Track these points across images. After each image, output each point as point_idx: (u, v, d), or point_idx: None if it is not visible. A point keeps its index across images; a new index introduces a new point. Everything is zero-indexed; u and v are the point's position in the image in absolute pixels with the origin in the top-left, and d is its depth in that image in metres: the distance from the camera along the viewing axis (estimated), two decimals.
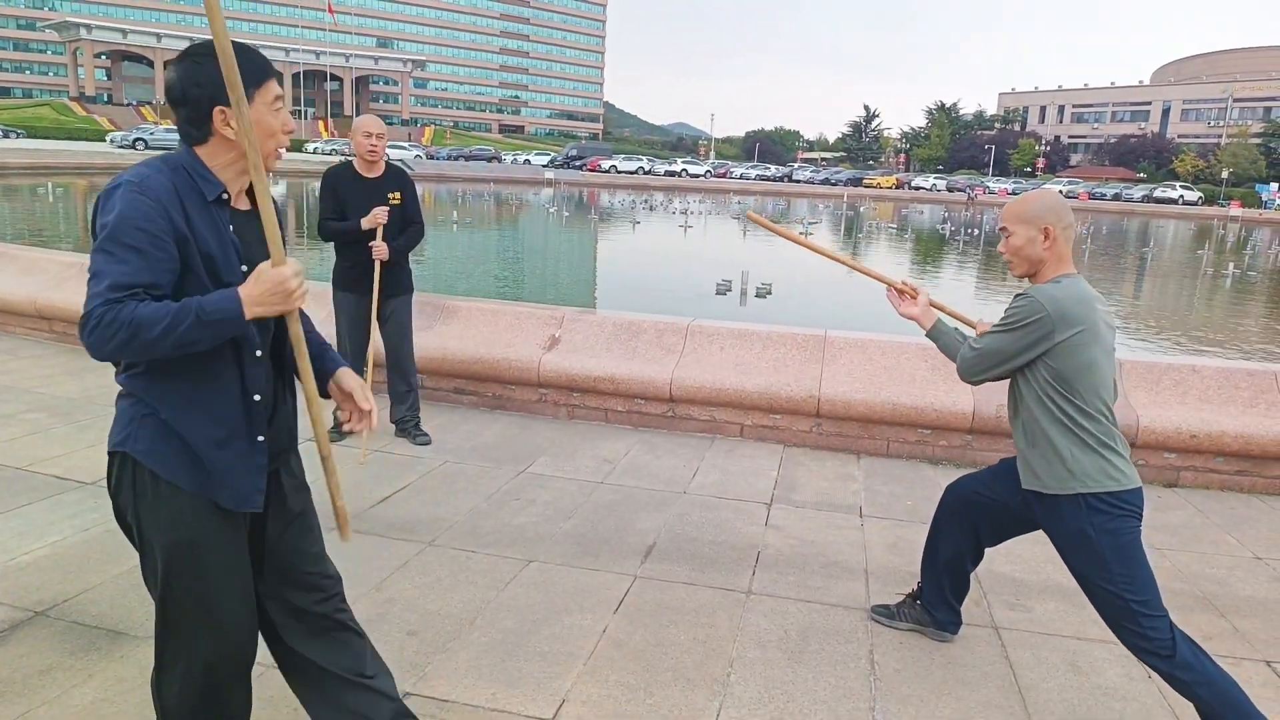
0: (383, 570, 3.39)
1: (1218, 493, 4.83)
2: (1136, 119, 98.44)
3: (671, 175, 64.74)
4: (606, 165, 64.66)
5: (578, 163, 66.74)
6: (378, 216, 4.63)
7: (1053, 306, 2.42)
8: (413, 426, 5.02)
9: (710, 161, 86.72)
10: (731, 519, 4.12)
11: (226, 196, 1.85)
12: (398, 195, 4.79)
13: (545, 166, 62.67)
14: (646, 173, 64.66)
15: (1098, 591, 2.49)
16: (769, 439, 5.35)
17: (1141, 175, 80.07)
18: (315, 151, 58.37)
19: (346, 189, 4.74)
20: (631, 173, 63.51)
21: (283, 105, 1.88)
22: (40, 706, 2.44)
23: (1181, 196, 60.86)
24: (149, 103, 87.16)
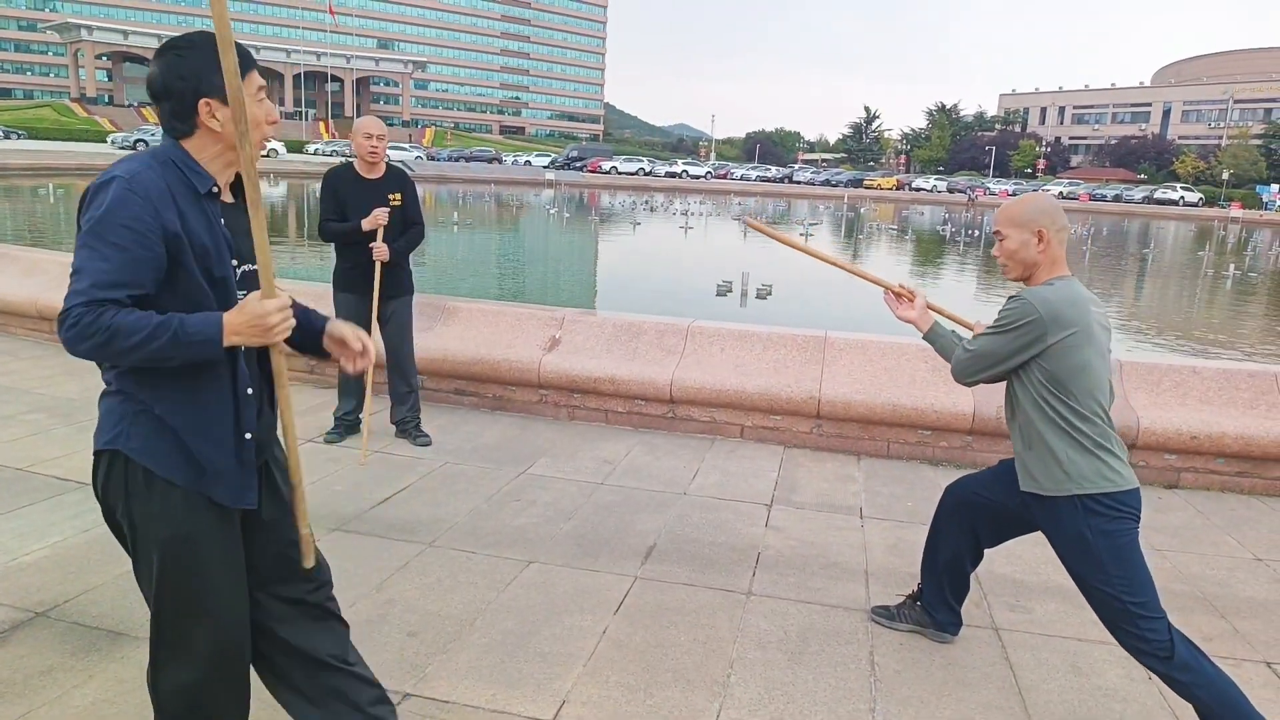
0: (383, 571, 3.39)
1: (1218, 494, 4.83)
2: (1137, 120, 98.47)
3: (672, 176, 64.76)
4: (607, 166, 64.61)
5: (578, 164, 66.77)
6: (378, 218, 4.64)
7: (1045, 309, 2.43)
8: (413, 427, 5.03)
9: (711, 163, 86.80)
10: (732, 520, 4.12)
11: (217, 190, 1.85)
12: (398, 196, 4.79)
13: (546, 168, 62.71)
14: (647, 174, 64.66)
15: (1095, 594, 2.49)
16: (769, 440, 5.35)
17: (1142, 176, 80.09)
18: (316, 153, 58.24)
19: (347, 190, 4.74)
20: (632, 174, 63.50)
21: (265, 96, 1.88)
22: (41, 707, 2.44)
23: (1182, 198, 60.88)
24: (150, 104, 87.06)
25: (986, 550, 3.01)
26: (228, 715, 1.98)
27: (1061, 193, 63.32)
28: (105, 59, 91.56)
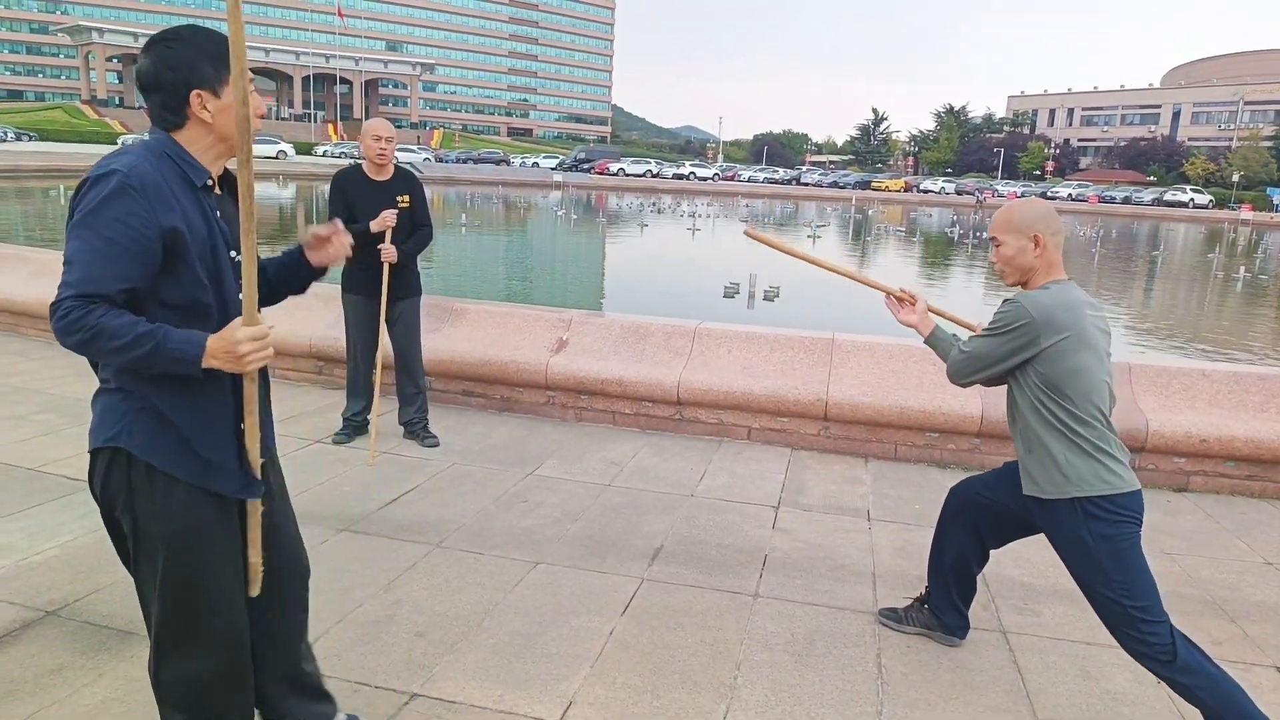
0: (391, 571, 3.40)
1: (1228, 497, 4.81)
2: (1146, 122, 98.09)
3: (679, 178, 64.69)
4: (614, 168, 64.66)
5: (586, 165, 66.84)
6: (386, 219, 4.65)
7: (1038, 312, 2.44)
8: (421, 428, 5.04)
9: (718, 164, 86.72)
10: (739, 522, 4.12)
11: (211, 183, 1.86)
12: (406, 198, 4.81)
13: (554, 169, 62.81)
14: (654, 175, 64.66)
15: (1098, 597, 2.50)
16: (776, 442, 5.35)
17: (1151, 178, 79.73)
18: (325, 154, 58.48)
19: (356, 192, 4.76)
20: (639, 175, 63.51)
21: (253, 89, 1.87)
22: (51, 705, 2.46)
23: (1192, 200, 60.58)
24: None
25: (994, 552, 3.01)
26: (232, 706, 2.00)
27: (1070, 194, 63.16)
28: (116, 61, 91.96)
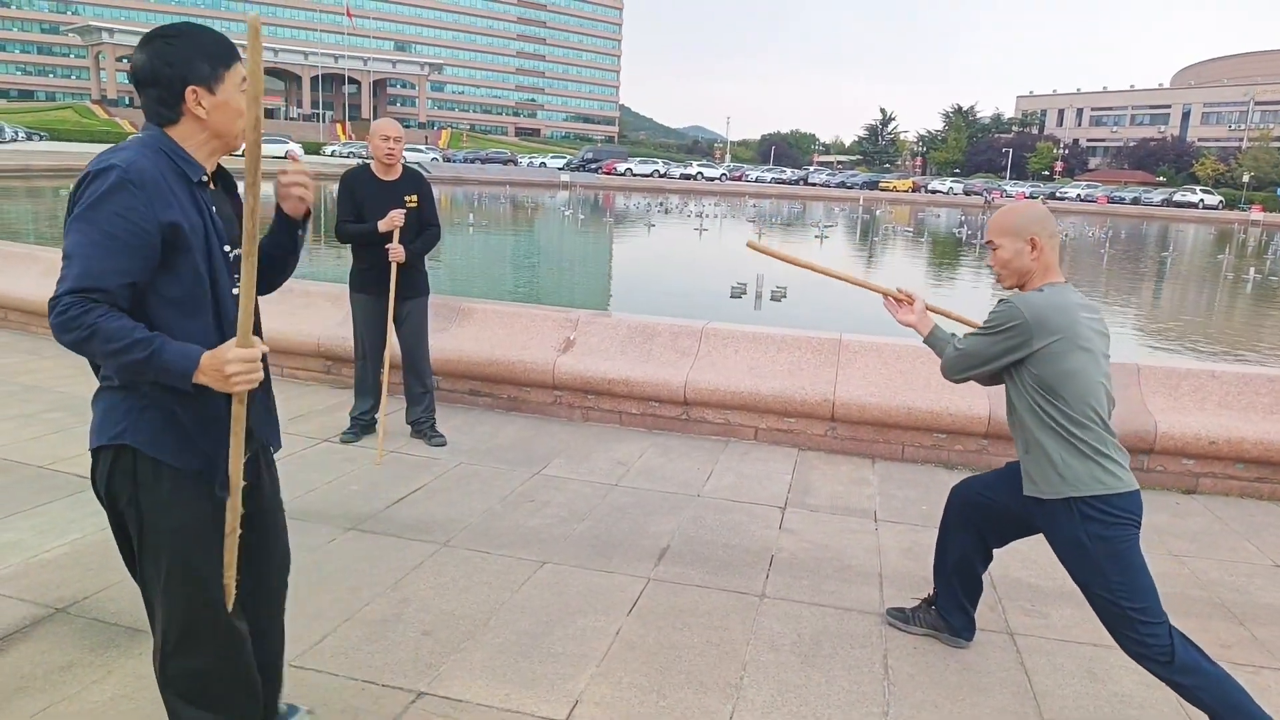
0: (398, 570, 3.41)
1: (1237, 499, 4.79)
2: (1156, 122, 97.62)
3: (687, 178, 64.67)
4: (622, 168, 64.61)
5: (593, 165, 66.81)
6: (394, 219, 4.66)
7: (1030, 313, 2.47)
8: (428, 428, 5.05)
9: (726, 165, 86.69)
10: (745, 522, 4.12)
11: (206, 179, 1.88)
12: (414, 198, 4.82)
13: (561, 169, 62.84)
14: (662, 176, 64.62)
15: (1096, 599, 2.51)
16: (783, 442, 5.35)
17: (1161, 179, 79.35)
18: (333, 154, 58.63)
19: (364, 191, 4.78)
20: (647, 175, 63.47)
21: (245, 87, 1.88)
22: (61, 702, 2.47)
23: (1202, 200, 60.26)
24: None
25: (1001, 554, 3.01)
26: (237, 693, 2.01)
27: (1079, 195, 62.91)
28: (126, 61, 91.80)
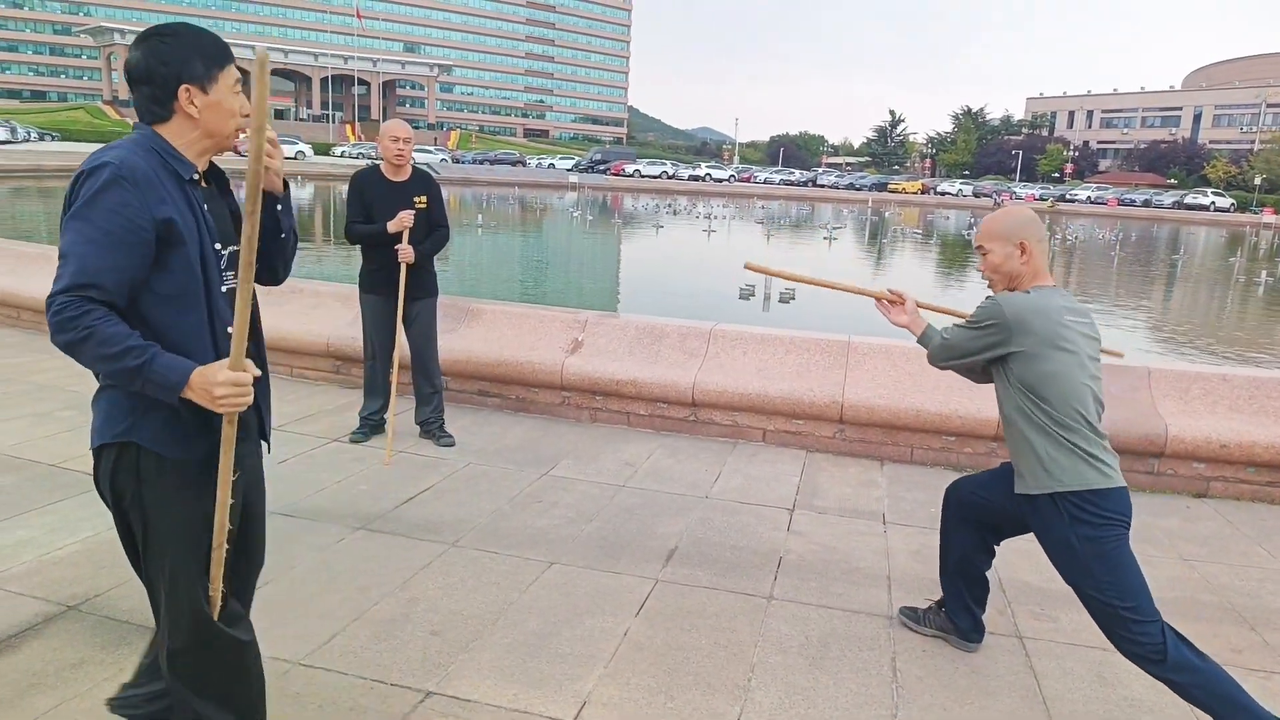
0: (407, 570, 3.42)
1: (1248, 504, 4.76)
2: (1167, 124, 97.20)
3: (695, 180, 64.62)
4: (630, 169, 64.61)
5: (601, 167, 66.85)
6: (404, 220, 4.68)
7: (1011, 313, 2.50)
8: (437, 428, 5.06)
9: (734, 166, 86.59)
10: (753, 524, 4.12)
11: (197, 177, 1.89)
12: (424, 199, 4.84)
13: (569, 170, 62.89)
14: (670, 177, 64.60)
15: (1088, 600, 2.54)
16: (791, 444, 5.34)
17: (1172, 181, 78.96)
18: (343, 155, 58.82)
19: (374, 192, 4.80)
20: (655, 177, 63.46)
21: (240, 89, 1.91)
22: (72, 699, 2.49)
23: (1213, 203, 59.91)
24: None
25: (1010, 557, 3.01)
26: (242, 687, 2.03)
27: (1089, 197, 62.65)
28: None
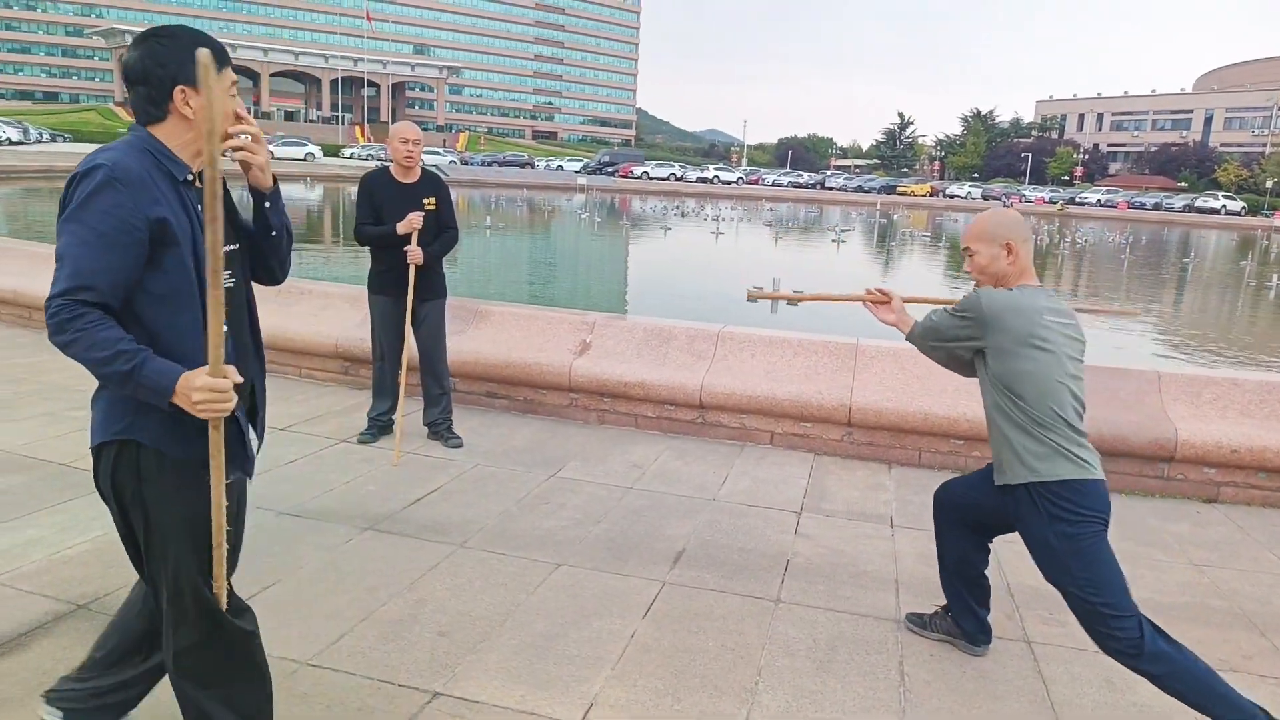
0: (415, 571, 3.43)
1: (1259, 509, 4.73)
2: (1178, 127, 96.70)
3: (703, 182, 64.65)
4: (638, 171, 64.63)
5: (610, 169, 66.87)
6: (413, 221, 4.69)
7: (988, 308, 2.56)
8: (445, 429, 5.07)
9: (742, 168, 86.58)
10: (761, 527, 4.11)
11: (191, 178, 1.91)
12: (433, 200, 4.85)
13: (578, 172, 62.97)
14: (678, 179, 64.58)
15: (1068, 596, 2.58)
16: (799, 447, 5.33)
17: (1183, 184, 78.61)
18: (352, 156, 59.02)
19: (383, 194, 4.81)
20: (663, 179, 63.42)
21: (237, 92, 1.93)
22: None
23: (1224, 206, 59.67)
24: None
25: (1018, 562, 3.01)
26: (247, 681, 2.03)
27: (1099, 200, 62.43)
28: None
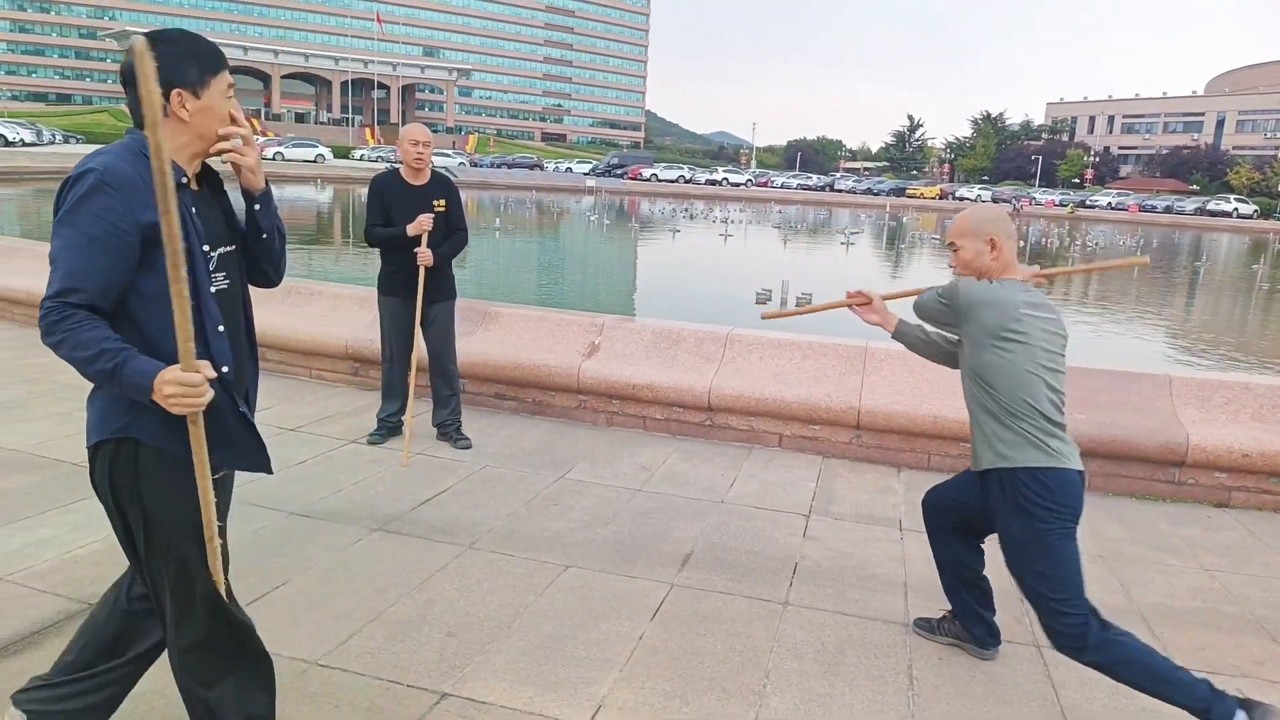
0: (423, 572, 3.44)
1: (1271, 514, 4.70)
2: (1189, 130, 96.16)
3: (712, 184, 64.60)
4: (647, 173, 64.64)
5: (619, 171, 66.89)
6: (423, 223, 4.71)
7: (965, 299, 2.62)
8: (454, 430, 5.09)
9: (751, 170, 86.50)
10: (769, 529, 4.11)
11: (186, 180, 1.92)
12: (442, 202, 4.87)
13: (587, 174, 63.03)
14: (687, 181, 64.62)
15: (1024, 588, 2.64)
16: (808, 450, 5.33)
17: (1194, 187, 78.21)
18: (362, 158, 59.24)
19: (393, 196, 4.83)
20: (672, 181, 63.44)
21: (234, 94, 1.96)
22: None
23: (1236, 210, 59.23)
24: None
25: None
26: (250, 677, 2.04)
27: (1110, 203, 62.17)
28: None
